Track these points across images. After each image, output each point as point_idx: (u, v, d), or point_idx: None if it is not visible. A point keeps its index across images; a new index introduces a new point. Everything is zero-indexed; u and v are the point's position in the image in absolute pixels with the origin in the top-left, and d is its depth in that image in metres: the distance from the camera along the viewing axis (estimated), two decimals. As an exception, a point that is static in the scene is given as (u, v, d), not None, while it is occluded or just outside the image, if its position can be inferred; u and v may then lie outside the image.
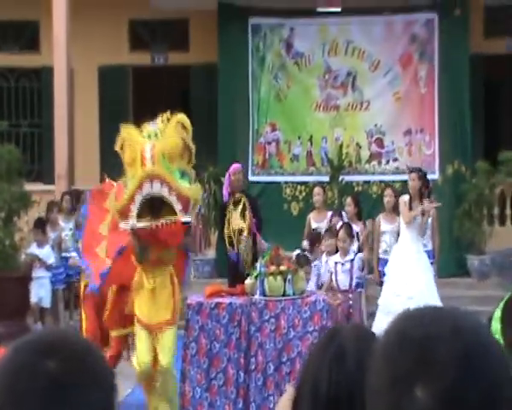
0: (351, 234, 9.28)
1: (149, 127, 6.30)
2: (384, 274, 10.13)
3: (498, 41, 15.08)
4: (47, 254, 11.14)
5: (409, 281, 9.63)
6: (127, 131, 6.37)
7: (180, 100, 16.05)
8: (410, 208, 10.04)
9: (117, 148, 6.37)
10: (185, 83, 15.63)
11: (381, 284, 10.23)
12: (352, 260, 8.99)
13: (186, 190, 6.17)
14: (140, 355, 6.61)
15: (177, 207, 6.10)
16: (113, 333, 7.53)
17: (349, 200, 11.28)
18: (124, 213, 6.27)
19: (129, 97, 15.71)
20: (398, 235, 10.25)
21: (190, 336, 7.39)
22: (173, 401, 6.80)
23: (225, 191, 10.22)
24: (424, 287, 10.06)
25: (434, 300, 10.14)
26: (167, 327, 6.56)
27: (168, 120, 6.25)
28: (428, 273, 10.18)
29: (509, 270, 12.76)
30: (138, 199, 6.17)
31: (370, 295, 10.45)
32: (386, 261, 10.27)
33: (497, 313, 1.73)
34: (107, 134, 15.57)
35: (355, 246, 9.73)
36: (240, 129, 14.42)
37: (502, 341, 1.69)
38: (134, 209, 6.20)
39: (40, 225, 11.34)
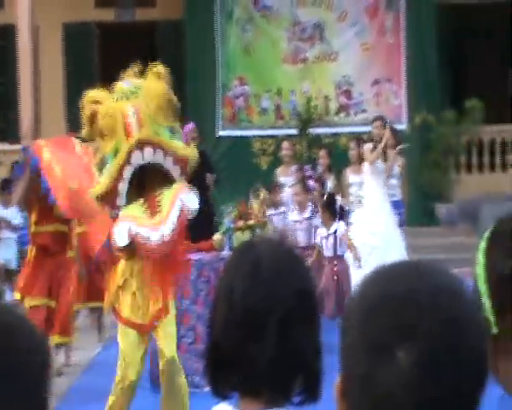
0: (305, 188, 9.23)
1: (123, 86, 5.21)
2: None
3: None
4: (12, 214, 10.99)
5: (373, 230, 9.72)
6: (97, 96, 5.18)
7: (147, 57, 15.94)
8: None
9: (84, 119, 5.19)
10: (152, 39, 15.50)
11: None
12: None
13: (182, 149, 5.18)
14: (128, 368, 5.30)
15: (176, 172, 5.09)
16: (30, 302, 7.11)
17: (323, 152, 11.29)
18: (108, 197, 5.08)
19: (95, 55, 15.55)
20: None
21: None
22: (186, 403, 5.52)
23: None
24: (388, 236, 10.20)
25: (399, 249, 10.27)
26: (163, 317, 5.41)
27: (141, 73, 5.25)
28: (392, 222, 10.30)
29: (476, 218, 12.91)
30: (127, 174, 5.02)
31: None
32: None
33: (482, 245, 1.74)
34: (73, 92, 15.40)
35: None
36: (208, 84, 14.38)
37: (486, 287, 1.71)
38: (123, 189, 5.03)
39: (5, 185, 11.19)
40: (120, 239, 4.95)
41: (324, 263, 8.81)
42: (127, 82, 5.23)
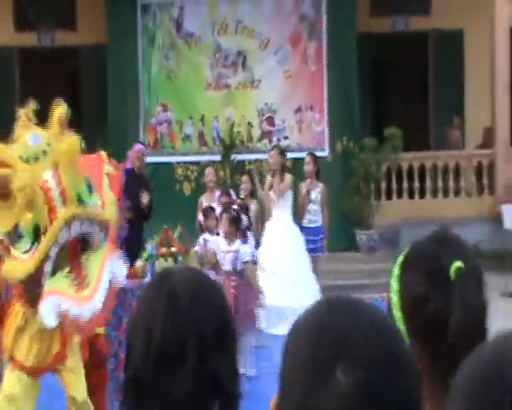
0: (233, 220, 9.08)
1: (31, 143, 4.65)
2: None
3: (385, 19, 15.43)
4: None
5: (273, 257, 9.77)
6: (8, 160, 4.59)
7: (69, 82, 15.80)
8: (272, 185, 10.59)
9: None
10: (74, 64, 15.37)
11: None
12: (237, 251, 8.81)
13: (104, 214, 4.73)
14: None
15: (101, 236, 4.68)
16: None
17: (245, 177, 11.37)
18: (33, 278, 4.58)
19: (15, 80, 15.33)
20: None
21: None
22: None
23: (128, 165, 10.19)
24: (289, 262, 10.31)
25: (302, 276, 10.36)
26: (65, 361, 5.07)
27: (44, 123, 4.73)
28: (295, 248, 10.43)
29: (396, 243, 13.15)
30: (53, 253, 4.56)
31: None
32: None
33: (395, 271, 1.79)
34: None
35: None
36: (130, 110, 14.31)
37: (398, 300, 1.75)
38: (48, 268, 4.57)
39: None
40: (49, 318, 4.48)
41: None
42: (34, 137, 4.68)
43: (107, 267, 4.65)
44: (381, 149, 13.77)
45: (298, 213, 10.88)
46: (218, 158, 13.96)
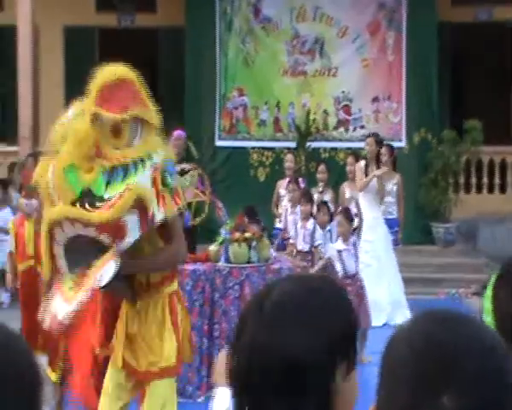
0: (349, 218, 8.85)
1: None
2: None
3: (466, 9, 15.07)
4: (6, 216, 10.86)
5: (367, 248, 9.63)
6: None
7: (147, 63, 15.87)
8: (367, 174, 10.20)
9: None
10: (152, 46, 15.44)
11: None
12: (354, 244, 8.75)
13: (98, 216, 4.02)
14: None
15: (106, 240, 4.10)
16: None
17: (322, 167, 11.29)
18: (54, 275, 4.25)
19: (95, 59, 15.43)
20: None
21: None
22: None
23: None
24: (382, 255, 10.15)
25: (392, 268, 10.23)
26: (159, 377, 4.41)
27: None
28: (385, 240, 10.27)
29: (473, 238, 12.87)
30: (59, 251, 4.20)
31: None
32: None
33: (492, 280, 1.73)
34: (72, 96, 15.39)
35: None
36: (207, 93, 14.31)
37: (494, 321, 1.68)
38: (63, 265, 4.20)
39: (0, 186, 11.08)
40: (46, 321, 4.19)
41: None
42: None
43: (96, 278, 4.13)
44: (460, 141, 13.47)
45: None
46: (292, 145, 13.85)
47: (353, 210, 10.30)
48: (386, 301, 10.07)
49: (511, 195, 14.25)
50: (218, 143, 14.28)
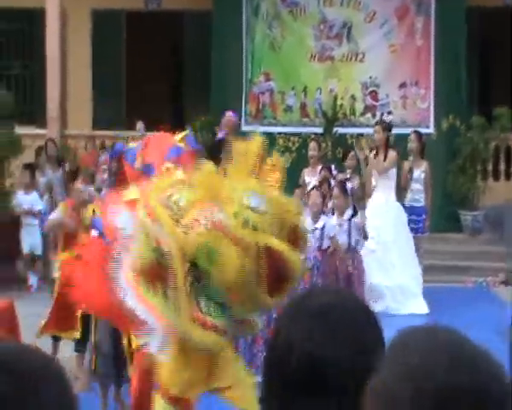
0: (344, 191, 8.94)
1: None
2: None
3: (495, -6, 14.91)
4: (34, 200, 10.89)
5: (371, 234, 9.50)
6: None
7: (173, 46, 15.85)
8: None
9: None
10: (179, 29, 15.39)
11: None
12: (350, 220, 8.69)
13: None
14: None
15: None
16: None
17: (352, 154, 11.23)
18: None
19: (122, 42, 15.45)
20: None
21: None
22: None
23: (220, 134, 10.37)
24: (389, 240, 10.04)
25: (404, 256, 10.11)
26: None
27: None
28: (394, 227, 10.15)
29: (502, 226, 12.73)
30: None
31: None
32: None
33: None
34: (100, 78, 15.47)
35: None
36: (233, 78, 14.24)
37: None
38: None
39: (28, 170, 11.11)
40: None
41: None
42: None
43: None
44: (488, 128, 13.33)
45: (399, 192, 10.62)
46: (319, 130, 13.77)
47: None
48: (387, 288, 9.95)
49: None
50: (245, 127, 14.21)
